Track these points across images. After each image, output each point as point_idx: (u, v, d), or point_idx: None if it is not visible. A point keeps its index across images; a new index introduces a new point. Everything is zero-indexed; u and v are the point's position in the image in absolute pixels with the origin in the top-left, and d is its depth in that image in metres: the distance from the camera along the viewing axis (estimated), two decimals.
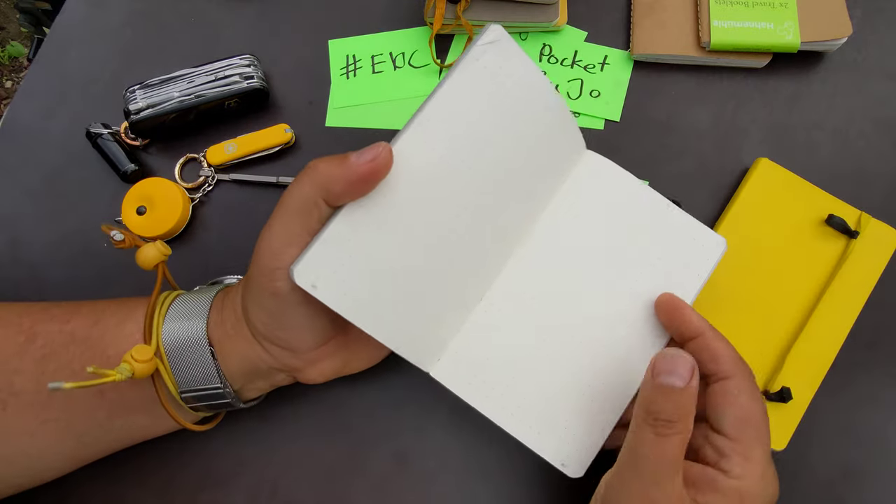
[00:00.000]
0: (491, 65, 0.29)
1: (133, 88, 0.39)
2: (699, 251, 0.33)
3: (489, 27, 0.29)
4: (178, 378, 0.29)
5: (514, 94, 0.30)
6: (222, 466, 0.36)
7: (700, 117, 0.42)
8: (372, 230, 0.27)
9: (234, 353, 0.29)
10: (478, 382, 0.31)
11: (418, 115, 0.28)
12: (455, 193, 0.29)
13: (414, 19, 0.44)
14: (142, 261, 0.29)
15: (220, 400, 0.30)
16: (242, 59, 0.41)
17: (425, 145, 0.28)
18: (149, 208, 0.39)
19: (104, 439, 0.31)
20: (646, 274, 0.32)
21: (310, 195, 0.26)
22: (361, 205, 0.27)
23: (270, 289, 0.27)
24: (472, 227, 0.30)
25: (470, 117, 0.29)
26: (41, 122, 0.43)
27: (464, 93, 0.29)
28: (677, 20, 0.42)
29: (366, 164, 0.25)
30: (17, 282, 0.40)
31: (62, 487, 0.34)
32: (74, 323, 0.30)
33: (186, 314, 0.30)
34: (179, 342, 0.29)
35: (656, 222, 0.33)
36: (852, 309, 0.36)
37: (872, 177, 0.40)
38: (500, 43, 0.29)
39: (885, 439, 0.36)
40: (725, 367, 0.28)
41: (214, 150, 0.41)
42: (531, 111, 0.31)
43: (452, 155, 0.29)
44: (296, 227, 0.27)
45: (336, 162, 0.26)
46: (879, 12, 0.43)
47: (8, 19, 1.36)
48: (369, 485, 0.35)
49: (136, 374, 0.27)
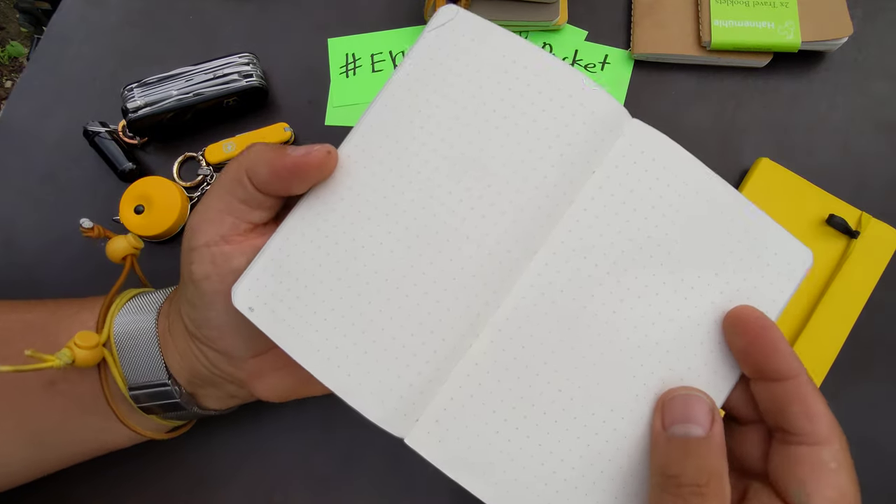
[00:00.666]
0: (447, 45, 0.25)
1: (131, 87, 0.39)
2: (779, 265, 0.25)
3: (440, 8, 0.25)
4: (126, 372, 0.28)
5: (488, 74, 0.25)
6: (219, 468, 0.35)
7: (700, 117, 0.42)
8: (319, 249, 0.24)
9: (175, 349, 0.28)
10: (468, 457, 0.23)
11: (369, 112, 0.25)
12: (429, 197, 0.24)
13: (414, 18, 0.44)
14: (110, 252, 0.29)
15: (171, 399, 0.28)
16: (241, 58, 0.40)
17: (379, 145, 0.25)
18: (147, 207, 0.39)
19: (62, 441, 0.30)
20: (703, 291, 0.24)
21: (237, 172, 0.25)
22: (309, 214, 0.25)
23: (187, 273, 0.25)
24: (458, 246, 0.24)
25: (435, 113, 0.25)
26: (38, 120, 0.43)
27: (421, 86, 0.25)
28: (678, 20, 0.42)
29: (297, 157, 0.24)
30: (11, 282, 0.39)
31: (58, 488, 0.33)
32: (35, 313, 0.29)
33: (141, 307, 0.29)
34: (129, 333, 0.28)
35: (722, 224, 0.25)
36: (852, 309, 0.36)
37: (872, 177, 0.40)
38: (457, 21, 0.25)
39: (885, 440, 0.35)
40: (822, 430, 0.21)
41: (213, 149, 0.40)
42: (523, 86, 0.25)
43: (421, 157, 0.24)
44: (217, 203, 0.25)
45: (272, 147, 0.24)
46: (880, 12, 0.43)
47: (8, 19, 1.36)
48: (367, 486, 0.35)
49: (77, 360, 0.25)
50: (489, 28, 0.25)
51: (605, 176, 0.25)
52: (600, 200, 0.25)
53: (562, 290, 0.24)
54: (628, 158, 0.25)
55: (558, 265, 0.24)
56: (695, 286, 0.24)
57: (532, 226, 0.24)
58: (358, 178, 0.25)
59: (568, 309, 0.24)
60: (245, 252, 0.25)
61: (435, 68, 0.25)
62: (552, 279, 0.24)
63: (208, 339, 0.26)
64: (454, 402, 0.24)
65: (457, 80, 0.25)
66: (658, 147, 0.25)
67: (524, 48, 0.25)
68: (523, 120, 0.25)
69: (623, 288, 0.24)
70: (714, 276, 0.24)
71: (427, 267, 0.24)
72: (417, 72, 0.25)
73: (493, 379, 0.24)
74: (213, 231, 0.25)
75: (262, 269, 0.24)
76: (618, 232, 0.25)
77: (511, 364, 0.24)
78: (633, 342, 0.24)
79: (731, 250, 0.25)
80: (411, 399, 0.23)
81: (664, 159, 0.25)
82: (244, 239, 0.25)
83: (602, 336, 0.24)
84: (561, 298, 0.24)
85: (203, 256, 0.25)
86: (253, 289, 0.24)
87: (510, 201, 0.24)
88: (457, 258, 0.24)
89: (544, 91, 0.25)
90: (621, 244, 0.25)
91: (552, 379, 0.24)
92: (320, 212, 0.25)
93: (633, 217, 0.25)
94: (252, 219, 0.25)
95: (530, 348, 0.24)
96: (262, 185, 0.24)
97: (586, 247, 0.25)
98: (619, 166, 0.25)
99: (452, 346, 0.24)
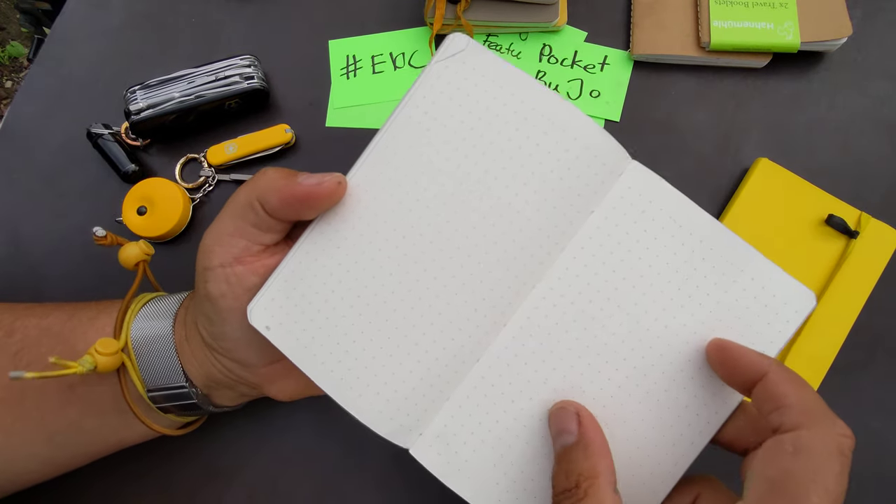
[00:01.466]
0: (456, 79, 0.26)
1: (134, 89, 0.39)
2: (776, 308, 0.25)
3: (450, 37, 0.26)
4: (144, 375, 0.29)
5: (496, 111, 0.26)
6: (222, 464, 0.36)
7: (700, 117, 0.42)
8: (334, 272, 0.26)
9: (192, 356, 0.29)
10: (470, 472, 0.26)
11: (376, 142, 0.26)
12: (436, 233, 0.26)
13: (414, 19, 0.44)
14: (123, 259, 0.29)
15: (188, 401, 0.29)
16: (243, 60, 0.41)
17: (388, 177, 0.26)
18: (149, 209, 0.39)
19: (78, 441, 0.31)
20: (697, 331, 0.25)
21: (248, 198, 0.25)
22: (322, 236, 0.26)
23: (203, 291, 0.26)
24: (463, 272, 0.26)
25: (443, 143, 0.26)
26: (42, 122, 0.43)
27: (430, 113, 0.26)
28: (677, 20, 0.42)
29: (308, 186, 0.24)
30: (17, 282, 0.40)
31: (61, 486, 0.34)
32: (52, 318, 0.30)
33: (157, 313, 0.30)
34: (147, 338, 0.29)
35: (718, 266, 0.25)
36: (852, 309, 0.36)
37: (872, 177, 0.40)
38: (466, 54, 0.26)
39: (884, 439, 0.36)
40: (791, 418, 0.20)
41: (215, 151, 0.41)
42: (530, 126, 0.26)
43: (428, 186, 0.26)
44: (229, 226, 0.26)
45: (283, 174, 0.25)
46: (879, 12, 0.43)
47: (8, 19, 1.36)
48: (368, 483, 0.35)
49: (99, 367, 0.26)
50: (497, 64, 0.26)
51: (603, 216, 0.26)
52: (597, 240, 0.26)
53: (556, 323, 0.26)
54: (626, 200, 0.26)
55: (554, 300, 0.26)
56: (688, 324, 0.25)
57: (525, 266, 0.26)
58: (368, 208, 0.26)
59: (560, 343, 0.26)
60: (258, 272, 0.26)
61: (444, 103, 0.26)
62: (547, 313, 0.26)
63: (225, 350, 0.28)
64: (454, 420, 0.26)
65: (465, 117, 0.26)
66: (655, 190, 0.26)
67: (529, 86, 0.26)
68: (519, 155, 0.26)
69: (616, 323, 0.26)
70: (710, 323, 0.25)
71: (433, 300, 0.26)
72: (426, 104, 0.26)
73: (490, 401, 0.26)
74: (226, 253, 0.26)
75: (276, 291, 0.26)
76: (612, 271, 0.26)
77: (506, 389, 0.26)
78: (640, 380, 0.25)
79: (726, 290, 0.25)
80: (416, 416, 0.26)
81: (661, 201, 0.26)
82: (256, 259, 0.26)
83: (611, 370, 0.26)
84: (555, 332, 0.26)
85: (218, 276, 0.26)
86: (268, 308, 0.26)
87: (504, 250, 0.26)
88: (460, 294, 0.26)
89: (544, 129, 0.26)
90: (615, 282, 0.26)
91: (539, 405, 0.26)
92: (332, 238, 0.26)
93: (627, 257, 0.26)
94: (263, 241, 0.26)
95: (520, 378, 0.26)
96: (273, 212, 0.25)
97: (580, 287, 0.26)
98: (617, 207, 0.26)
99: (454, 371, 0.26)
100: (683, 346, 0.25)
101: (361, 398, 0.26)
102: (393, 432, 0.26)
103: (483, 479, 0.26)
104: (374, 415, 0.26)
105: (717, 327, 0.25)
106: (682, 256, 0.26)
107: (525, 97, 0.26)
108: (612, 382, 0.25)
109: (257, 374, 0.29)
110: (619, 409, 0.25)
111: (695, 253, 0.26)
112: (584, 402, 0.25)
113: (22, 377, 0.24)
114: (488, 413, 0.26)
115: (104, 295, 0.39)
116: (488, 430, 0.26)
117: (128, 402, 0.29)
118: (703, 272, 0.26)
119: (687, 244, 0.26)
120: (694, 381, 0.25)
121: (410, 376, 0.26)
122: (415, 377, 0.26)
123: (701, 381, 0.25)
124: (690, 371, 0.25)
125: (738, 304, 0.25)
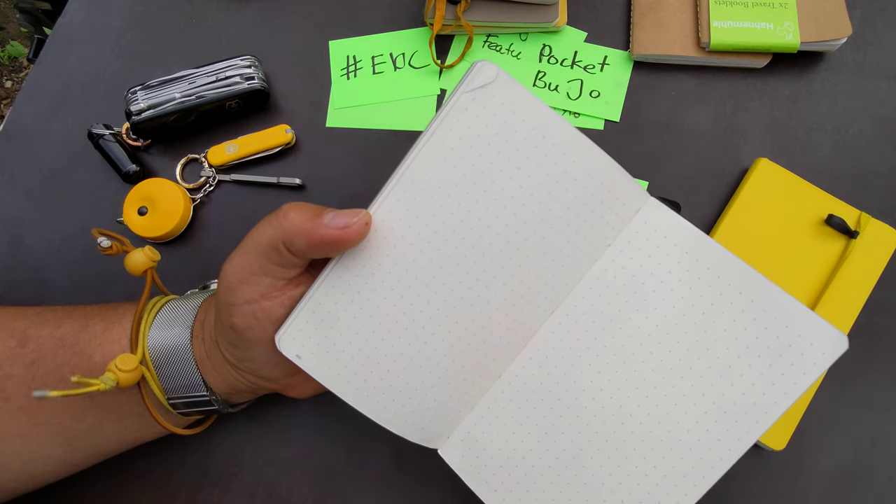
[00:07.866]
0: (485, 114, 0.25)
1: (134, 89, 0.39)
2: (803, 350, 0.24)
3: (478, 65, 0.24)
4: (164, 384, 0.29)
5: (526, 153, 0.25)
6: (222, 466, 0.36)
7: (700, 117, 0.42)
8: (359, 301, 0.26)
9: (214, 371, 0.30)
10: (489, 476, 0.29)
11: (402, 173, 0.25)
12: (460, 261, 0.26)
13: (414, 20, 0.44)
14: (130, 267, 0.29)
15: (209, 406, 0.30)
16: (243, 60, 0.41)
17: (413, 209, 0.25)
18: (150, 209, 0.39)
19: (96, 443, 0.31)
20: (723, 372, 0.26)
21: (273, 239, 0.25)
22: (347, 270, 0.26)
23: (228, 323, 0.27)
24: (485, 299, 0.27)
25: (467, 175, 0.25)
26: (43, 122, 0.43)
27: (455, 148, 0.25)
28: (677, 20, 0.42)
29: (336, 230, 0.24)
30: (18, 283, 0.40)
31: (62, 486, 0.34)
32: (65, 328, 0.30)
33: (172, 321, 0.30)
34: (165, 350, 0.29)
35: (739, 302, 0.25)
36: (852, 309, 0.36)
37: (872, 177, 0.40)
38: (496, 87, 0.24)
39: (884, 439, 0.36)
40: None
41: (215, 151, 0.41)
42: (550, 164, 0.26)
43: (451, 218, 0.26)
44: (253, 266, 0.26)
45: (308, 215, 0.25)
46: (879, 12, 0.43)
47: (8, 19, 1.36)
48: (368, 483, 0.35)
49: (120, 383, 0.27)
50: (527, 100, 0.25)
51: (619, 250, 0.27)
52: (612, 272, 0.27)
53: (562, 357, 0.28)
54: (641, 235, 0.27)
55: (562, 335, 0.28)
56: (702, 358, 0.26)
57: (545, 296, 0.28)
58: (395, 244, 0.26)
59: (579, 360, 0.28)
60: (284, 304, 0.27)
61: (471, 140, 0.25)
62: (555, 345, 0.28)
63: (250, 370, 0.29)
64: (477, 427, 0.29)
65: (494, 157, 0.25)
66: (671, 226, 0.27)
67: (558, 126, 0.25)
68: (539, 192, 0.26)
69: (620, 361, 0.27)
70: (734, 362, 0.26)
71: (462, 332, 0.27)
72: (453, 140, 0.25)
73: (507, 416, 0.29)
74: (252, 291, 0.26)
75: (304, 321, 0.27)
76: (625, 302, 0.27)
77: (515, 413, 0.29)
78: (636, 430, 0.27)
79: (746, 328, 0.26)
80: (444, 425, 0.29)
81: (676, 236, 0.27)
82: (282, 293, 0.27)
83: (604, 420, 0.28)
84: (568, 355, 0.28)
85: (245, 312, 0.26)
86: (297, 338, 0.27)
87: (521, 280, 0.27)
88: (481, 333, 0.28)
89: (565, 167, 0.26)
90: (628, 313, 0.27)
91: (548, 433, 0.29)
92: (359, 274, 0.26)
93: (641, 289, 0.27)
94: (287, 276, 0.27)
95: (531, 404, 0.29)
96: (299, 253, 0.25)
97: (591, 320, 0.28)
98: (632, 241, 0.27)
99: (476, 392, 0.29)
100: (697, 379, 0.26)
101: (396, 416, 0.28)
102: (423, 439, 0.29)
103: (501, 483, 0.28)
104: (408, 428, 0.28)
105: (736, 364, 0.25)
106: (698, 290, 0.26)
107: (555, 138, 0.25)
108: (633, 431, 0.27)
109: (279, 382, 0.30)
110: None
111: (712, 287, 0.26)
112: (616, 414, 0.27)
113: (46, 396, 0.24)
114: (505, 425, 0.29)
115: (105, 294, 0.39)
116: (505, 440, 0.29)
117: (149, 408, 0.29)
118: (720, 307, 0.26)
119: (703, 278, 0.26)
120: (707, 415, 0.26)
121: (438, 400, 0.28)
122: (442, 403, 0.28)
123: (715, 415, 0.26)
124: (704, 405, 0.26)
125: (759, 343, 0.25)
